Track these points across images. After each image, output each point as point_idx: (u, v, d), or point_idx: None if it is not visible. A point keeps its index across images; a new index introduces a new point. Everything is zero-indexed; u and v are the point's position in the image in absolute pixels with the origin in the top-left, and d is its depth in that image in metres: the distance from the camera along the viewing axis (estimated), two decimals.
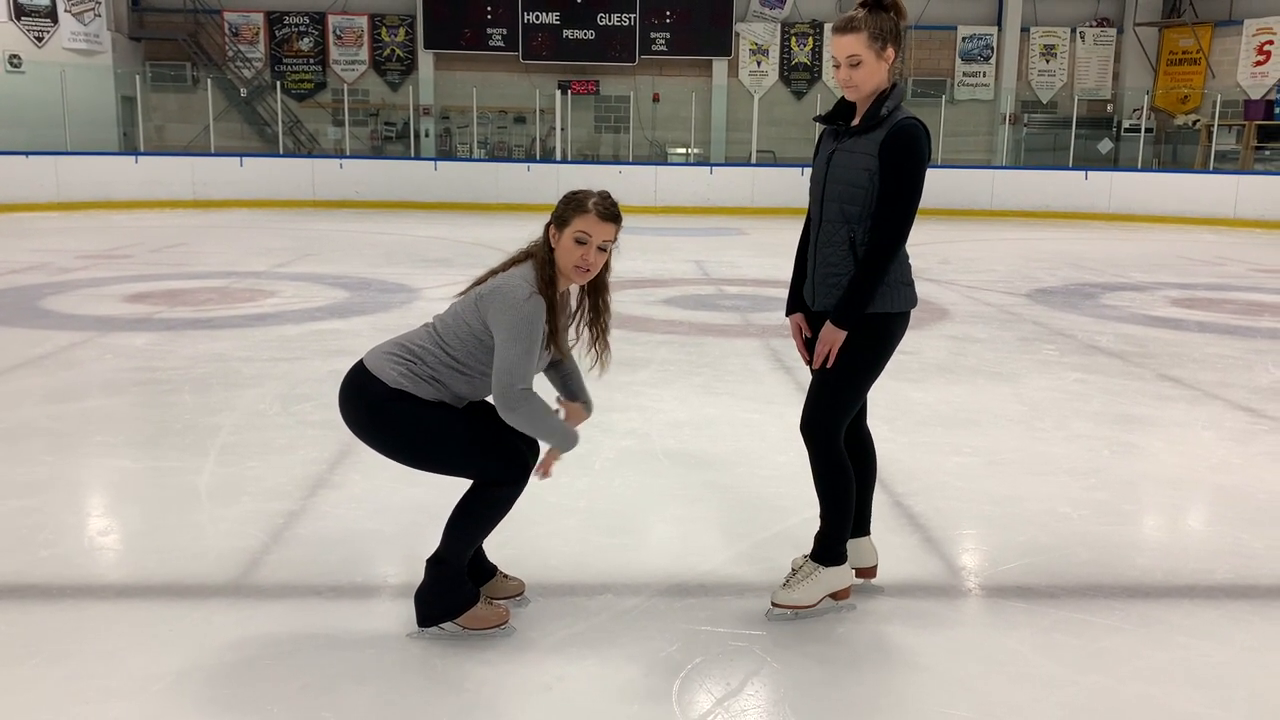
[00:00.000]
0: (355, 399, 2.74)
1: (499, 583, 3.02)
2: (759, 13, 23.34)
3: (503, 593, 3.01)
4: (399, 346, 2.77)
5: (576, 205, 2.70)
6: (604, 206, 2.71)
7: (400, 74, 23.06)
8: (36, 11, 19.85)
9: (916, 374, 6.13)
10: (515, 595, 3.02)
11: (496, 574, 3.03)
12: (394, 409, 2.69)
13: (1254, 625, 2.99)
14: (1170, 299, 9.60)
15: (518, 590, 3.04)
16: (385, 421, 2.71)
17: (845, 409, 2.92)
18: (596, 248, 2.70)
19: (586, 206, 2.69)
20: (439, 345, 2.73)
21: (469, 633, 2.80)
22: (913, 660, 2.76)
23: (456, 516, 2.77)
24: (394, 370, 2.71)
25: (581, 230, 2.68)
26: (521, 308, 2.63)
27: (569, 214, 2.70)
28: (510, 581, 3.04)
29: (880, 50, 2.77)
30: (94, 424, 4.94)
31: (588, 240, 2.68)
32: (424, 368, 2.71)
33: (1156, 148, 23.01)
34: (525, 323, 2.63)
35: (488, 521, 2.79)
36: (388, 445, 2.77)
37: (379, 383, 2.70)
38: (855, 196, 2.81)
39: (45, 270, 10.23)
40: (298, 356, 6.38)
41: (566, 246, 2.69)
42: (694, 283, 10.26)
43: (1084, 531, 3.68)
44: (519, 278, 2.69)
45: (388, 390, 2.69)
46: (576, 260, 2.69)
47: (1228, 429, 5.12)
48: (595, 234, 2.69)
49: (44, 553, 3.36)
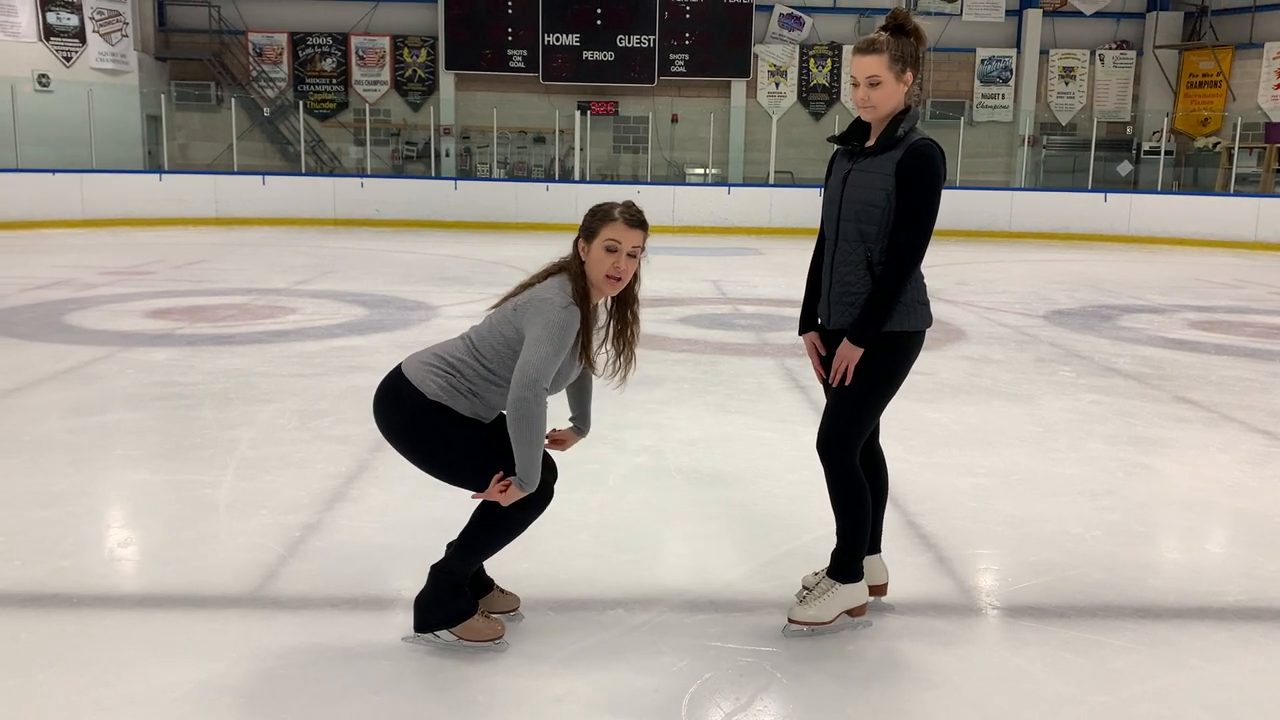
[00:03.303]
0: (393, 407, 2.78)
1: (496, 597, 3.05)
2: (777, 35, 23.46)
3: (499, 607, 3.03)
4: (437, 358, 2.80)
5: (603, 215, 2.75)
6: (630, 214, 2.76)
7: (422, 94, 23.28)
8: (65, 32, 20.17)
9: (932, 394, 6.13)
10: (510, 610, 3.04)
11: (494, 588, 3.06)
12: (430, 422, 2.73)
13: (1265, 648, 2.99)
14: (1189, 321, 9.56)
15: (513, 606, 3.06)
16: (421, 433, 2.75)
17: (862, 427, 2.95)
18: (626, 254, 2.74)
19: (613, 215, 2.74)
20: (475, 357, 2.77)
21: (463, 643, 2.83)
22: (922, 677, 2.77)
23: (471, 530, 2.80)
24: (434, 383, 2.74)
25: (611, 239, 2.72)
26: (559, 314, 2.67)
27: (596, 225, 2.75)
28: (506, 596, 3.07)
29: (900, 73, 2.81)
30: (115, 437, 5.01)
31: (618, 248, 2.72)
32: (462, 380, 2.75)
33: (1176, 170, 22.93)
34: (559, 327, 2.67)
35: (500, 540, 2.82)
36: (418, 455, 2.80)
37: (419, 394, 2.74)
38: (872, 216, 2.85)
39: (69, 286, 10.37)
40: (317, 373, 6.45)
41: (597, 257, 2.73)
42: (710, 302, 10.30)
43: (1096, 552, 3.68)
44: (555, 288, 2.74)
45: (427, 402, 2.73)
46: (608, 269, 2.73)
47: (1244, 451, 5.11)
48: (625, 241, 2.73)
49: (65, 563, 3.42)
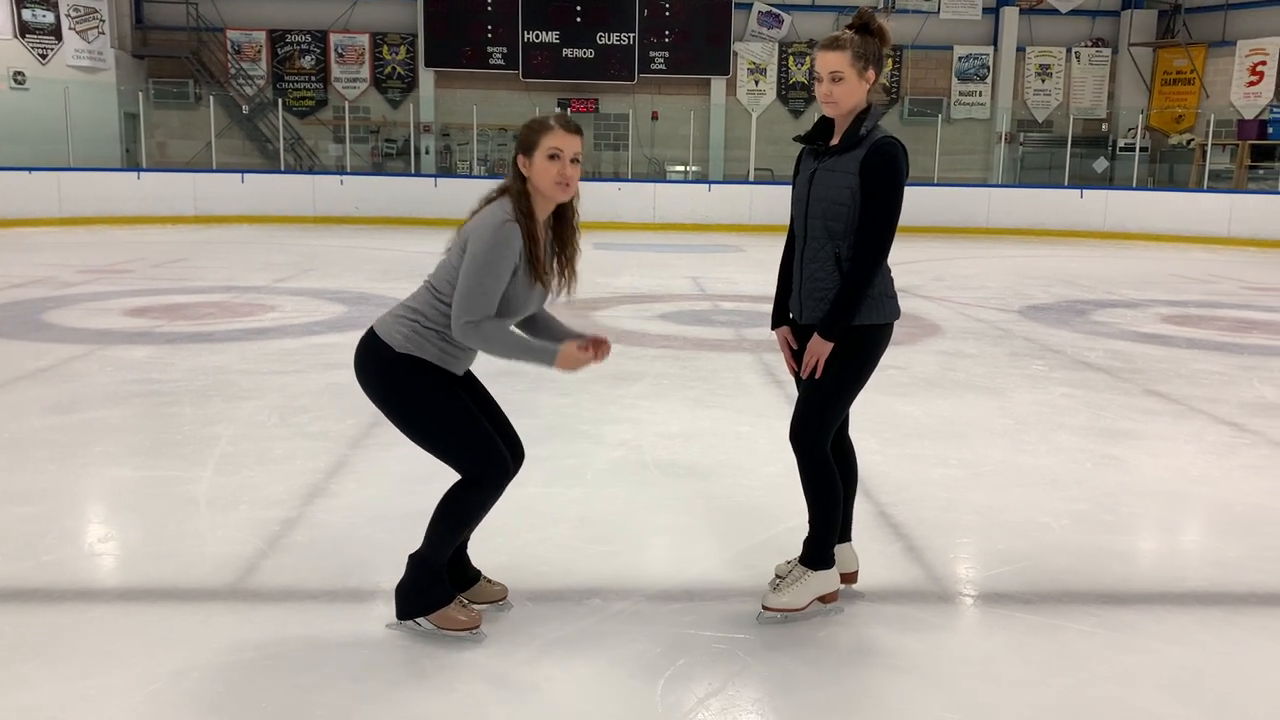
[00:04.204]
0: (367, 366, 2.84)
1: (483, 587, 3.10)
2: (757, 32, 23.54)
3: (486, 597, 3.08)
4: (402, 306, 2.87)
5: (540, 127, 2.79)
6: (565, 121, 2.80)
7: (401, 92, 23.23)
8: (41, 29, 20.03)
9: (905, 388, 6.22)
10: (498, 600, 3.10)
11: (480, 579, 3.12)
12: (402, 381, 2.79)
13: (1225, 630, 3.07)
14: (1161, 316, 9.70)
15: (500, 596, 3.11)
16: (394, 391, 2.82)
17: (832, 417, 3.03)
18: (570, 160, 2.77)
19: (550, 125, 2.78)
20: (434, 295, 2.83)
21: (441, 632, 2.89)
22: (891, 662, 2.84)
23: (437, 515, 2.87)
24: (399, 333, 2.80)
25: (553, 147, 2.75)
26: (497, 232, 2.72)
27: (535, 137, 2.78)
28: (494, 587, 3.12)
29: (862, 70, 2.88)
30: (95, 434, 5.02)
31: (560, 154, 2.76)
32: (426, 322, 2.80)
33: (1151, 166, 23.17)
34: (495, 249, 2.71)
35: (464, 522, 2.89)
36: (393, 414, 2.86)
37: (388, 348, 2.80)
38: (839, 214, 2.92)
39: (47, 284, 10.33)
40: (296, 370, 6.47)
41: (541, 167, 2.76)
42: (690, 298, 10.36)
43: (1063, 540, 3.76)
44: (497, 207, 2.79)
45: (394, 355, 2.79)
46: (554, 177, 2.76)
47: (1210, 442, 5.21)
48: (566, 147, 2.76)
49: (46, 557, 3.45)
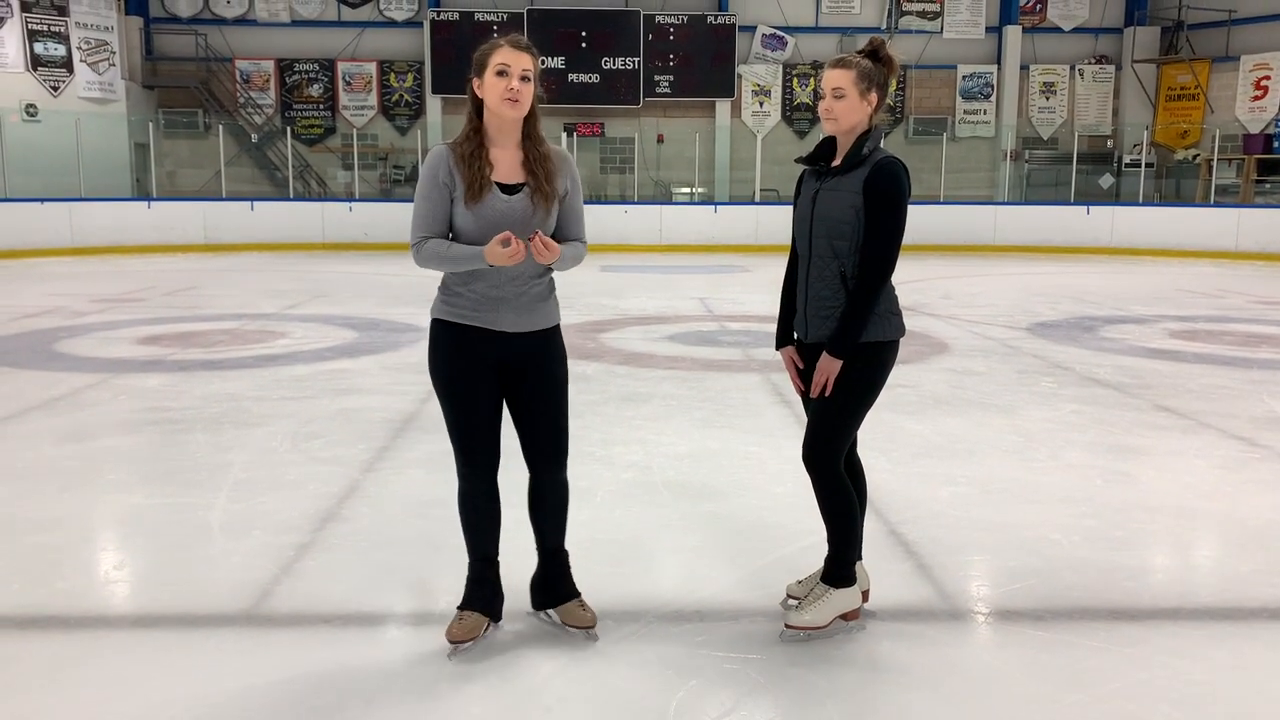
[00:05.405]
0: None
1: (573, 611, 3.09)
2: (760, 55, 23.68)
3: (573, 621, 3.07)
4: None
5: (490, 47, 2.84)
6: (514, 39, 2.85)
7: (409, 118, 23.41)
8: (53, 62, 20.26)
9: (914, 406, 6.22)
10: (586, 627, 3.06)
11: (573, 600, 3.10)
12: (430, 351, 2.96)
13: (1235, 645, 3.07)
14: (1169, 331, 9.69)
15: (586, 624, 3.07)
16: (428, 358, 2.98)
17: (845, 436, 3.06)
18: (519, 77, 2.80)
19: (498, 43, 2.84)
20: None
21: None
22: (903, 681, 2.84)
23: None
24: (436, 298, 2.97)
25: (501, 63, 2.80)
26: (427, 160, 2.87)
27: (484, 58, 2.83)
28: (584, 613, 3.09)
29: (864, 90, 2.93)
30: (108, 463, 5.06)
31: (508, 70, 2.79)
32: (441, 281, 2.94)
33: (1157, 182, 23.19)
34: (421, 174, 2.88)
35: (464, 517, 3.04)
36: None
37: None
38: (843, 232, 2.96)
39: (60, 314, 10.41)
40: (308, 396, 6.51)
41: (491, 84, 2.81)
42: (698, 319, 10.40)
43: (1073, 557, 3.76)
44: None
45: (431, 322, 2.97)
46: (502, 92, 2.79)
47: (1220, 457, 5.20)
48: (514, 63, 2.79)
49: (61, 585, 3.48)
